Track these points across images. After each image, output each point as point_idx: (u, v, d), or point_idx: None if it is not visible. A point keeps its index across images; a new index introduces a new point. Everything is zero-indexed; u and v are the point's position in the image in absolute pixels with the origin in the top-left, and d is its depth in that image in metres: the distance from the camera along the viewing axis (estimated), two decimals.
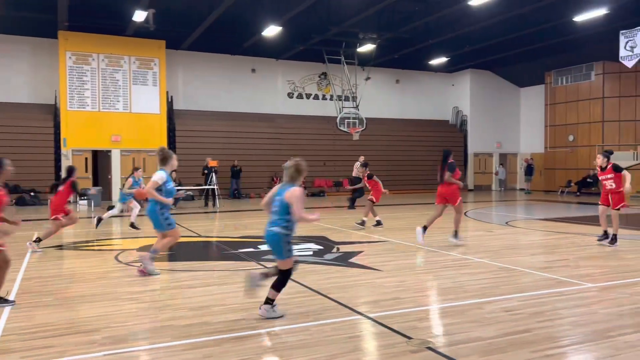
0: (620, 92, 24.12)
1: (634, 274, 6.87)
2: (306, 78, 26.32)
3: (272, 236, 4.95)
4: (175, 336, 4.42)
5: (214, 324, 4.75)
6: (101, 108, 21.11)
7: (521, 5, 17.66)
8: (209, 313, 5.10)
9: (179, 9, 18.79)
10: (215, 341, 4.31)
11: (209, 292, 6.00)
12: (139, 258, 7.13)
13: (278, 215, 4.92)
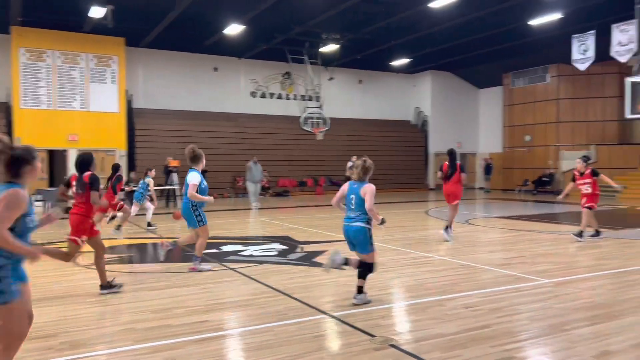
0: (574, 94, 25.01)
1: (586, 269, 7.14)
2: (269, 77, 26.22)
3: (357, 231, 5.31)
4: (136, 340, 4.33)
5: (177, 327, 4.68)
6: (57, 106, 20.44)
7: (480, 8, 18.07)
8: (171, 315, 5.03)
9: (139, 6, 18.39)
10: (178, 344, 4.25)
11: (171, 294, 5.90)
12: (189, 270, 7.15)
13: (359, 211, 5.31)
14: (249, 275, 6.83)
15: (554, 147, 25.11)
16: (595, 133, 24.73)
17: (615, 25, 17.52)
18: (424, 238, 10.83)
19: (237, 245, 9.36)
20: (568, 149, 24.84)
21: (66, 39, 20.43)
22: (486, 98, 30.26)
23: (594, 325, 4.61)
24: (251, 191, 17.97)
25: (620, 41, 17.40)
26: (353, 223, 5.32)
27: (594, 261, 7.79)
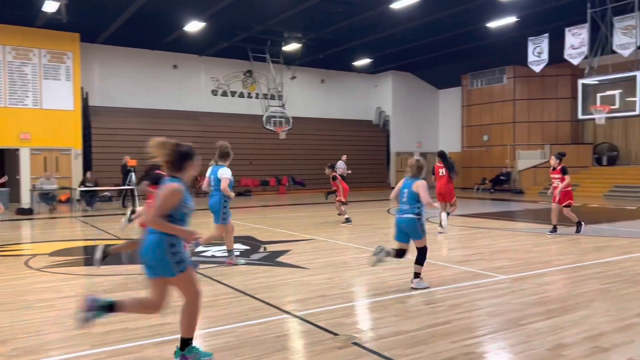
0: (529, 95, 25.78)
1: (541, 265, 7.36)
2: (231, 75, 25.96)
3: (408, 221, 5.98)
4: (92, 344, 4.20)
5: (136, 330, 4.56)
6: (8, 104, 19.63)
7: (439, 10, 18.39)
8: (129, 318, 4.89)
9: (95, 1, 17.88)
10: (136, 347, 4.14)
11: (128, 296, 5.74)
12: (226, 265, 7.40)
13: (409, 204, 5.98)
14: (210, 276, 6.74)
15: (510, 147, 25.83)
16: (549, 133, 25.57)
17: (568, 29, 18.15)
18: (387, 236, 10.92)
19: (199, 246, 9.21)
20: (524, 148, 25.60)
21: (18, 34, 19.65)
22: (445, 98, 30.85)
23: (549, 320, 4.75)
24: None
25: (572, 44, 18.03)
26: (405, 215, 5.99)
27: (549, 257, 8.04)
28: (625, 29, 16.08)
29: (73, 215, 15.35)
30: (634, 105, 15.51)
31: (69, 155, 20.74)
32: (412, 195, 5.94)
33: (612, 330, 4.43)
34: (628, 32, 16.02)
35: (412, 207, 5.94)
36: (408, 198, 5.97)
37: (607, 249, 8.73)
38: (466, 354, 3.92)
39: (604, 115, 16.25)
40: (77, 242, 10.29)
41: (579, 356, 3.85)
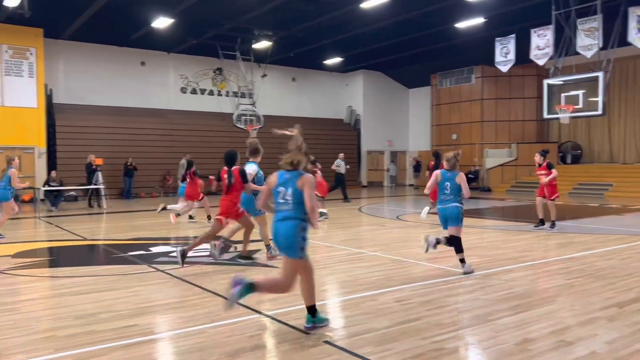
0: (497, 95, 26.28)
1: (508, 261, 7.51)
2: (200, 73, 25.65)
3: (453, 210, 6.68)
4: (57, 348, 4.09)
5: (102, 332, 4.46)
6: None
7: (408, 10, 18.56)
8: (95, 321, 4.78)
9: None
10: (103, 350, 4.05)
11: (95, 298, 5.62)
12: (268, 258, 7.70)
13: (453, 195, 6.73)
14: (179, 276, 6.64)
15: (478, 145, 26.28)
16: (516, 132, 26.13)
17: (533, 30, 18.56)
18: (358, 235, 11.00)
19: (167, 246, 9.09)
20: (492, 147, 26.10)
21: None
22: (415, 98, 31.18)
23: (516, 315, 4.84)
24: None
25: (538, 45, 18.45)
26: (449, 204, 6.74)
27: (517, 253, 8.20)
28: (588, 31, 16.54)
29: (37, 215, 14.94)
30: (597, 105, 15.98)
31: (32, 154, 20.17)
32: (456, 187, 6.73)
33: (576, 324, 4.55)
34: (591, 34, 16.48)
35: (456, 197, 6.73)
36: (451, 190, 6.74)
37: (571, 245, 8.97)
38: (436, 350, 3.96)
39: (568, 115, 16.68)
40: (41, 243, 10.01)
41: (544, 350, 3.94)
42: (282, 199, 4.36)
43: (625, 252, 8.20)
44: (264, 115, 23.49)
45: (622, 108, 23.56)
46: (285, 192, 4.33)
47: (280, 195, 4.37)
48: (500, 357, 3.83)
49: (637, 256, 7.86)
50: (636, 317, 4.72)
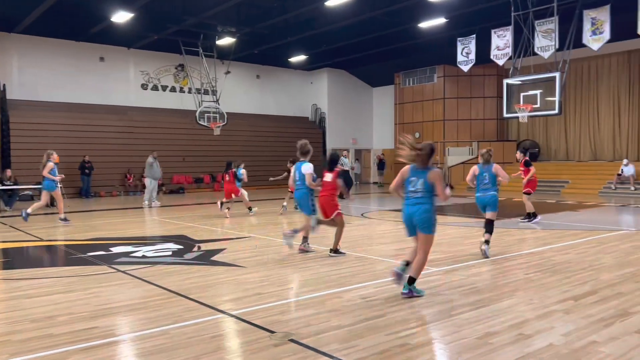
0: (458, 94, 26.78)
1: (470, 257, 7.66)
2: (162, 69, 25.18)
3: (492, 197, 7.85)
4: (12, 353, 3.94)
5: (60, 336, 4.32)
6: None
7: (372, 9, 18.70)
8: (53, 324, 4.63)
9: None
10: (62, 354, 3.92)
11: (53, 301, 5.44)
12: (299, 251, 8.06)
13: (491, 184, 7.82)
14: (141, 277, 6.51)
15: (440, 144, 26.73)
16: (477, 130, 26.70)
17: (494, 31, 18.98)
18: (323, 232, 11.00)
19: (128, 246, 8.88)
20: (453, 145, 26.60)
21: None
22: (379, 96, 31.46)
23: (478, 309, 4.94)
24: (150, 188, 17.11)
25: (498, 45, 18.88)
26: (488, 192, 7.84)
27: (477, 250, 8.36)
28: (546, 32, 17.02)
29: None
30: (554, 105, 16.46)
31: None
32: (493, 177, 7.84)
33: (535, 318, 4.68)
34: (548, 35, 16.97)
35: (494, 186, 7.83)
36: (490, 180, 7.83)
37: (529, 240, 9.23)
38: (401, 346, 4.00)
39: (526, 114, 17.13)
40: None
41: (505, 343, 4.03)
42: (413, 188, 5.48)
43: (581, 247, 8.50)
44: (228, 112, 23.25)
45: (577, 107, 24.39)
46: (416, 182, 5.45)
47: (412, 185, 5.49)
48: (462, 351, 3.90)
49: (591, 250, 8.15)
50: (591, 310, 4.89)
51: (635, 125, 22.64)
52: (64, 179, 18.98)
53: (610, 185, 20.44)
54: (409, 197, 5.49)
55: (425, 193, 5.41)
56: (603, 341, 4.05)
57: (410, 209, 5.45)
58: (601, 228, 10.82)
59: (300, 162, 8.08)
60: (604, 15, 16.49)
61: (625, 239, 9.26)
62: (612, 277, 6.27)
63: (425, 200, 5.41)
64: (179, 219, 13.08)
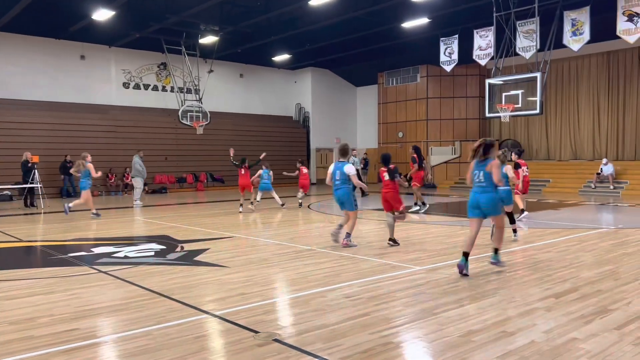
0: (441, 94, 26.96)
1: (452, 256, 7.72)
2: (144, 68, 24.93)
3: (508, 192, 8.67)
4: None
5: (40, 337, 4.26)
6: None
7: (356, 8, 18.74)
8: (33, 326, 4.56)
9: None
10: (42, 356, 3.86)
11: (33, 302, 5.36)
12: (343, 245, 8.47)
13: (505, 179, 8.40)
14: (123, 278, 6.44)
15: (423, 143, 26.89)
16: (459, 130, 26.91)
17: (476, 31, 19.16)
18: (307, 232, 11.01)
19: (110, 247, 8.78)
20: (436, 144, 26.78)
21: None
22: (363, 96, 31.54)
23: (460, 308, 4.99)
24: (140, 188, 17.14)
25: (480, 46, 19.06)
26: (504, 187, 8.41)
27: (460, 248, 8.43)
28: (527, 33, 17.24)
29: None
30: (535, 105, 16.68)
31: None
32: (505, 175, 8.38)
33: (517, 315, 4.73)
34: (529, 36, 17.19)
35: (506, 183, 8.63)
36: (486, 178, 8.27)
37: (511, 239, 9.32)
38: (384, 344, 4.02)
39: (508, 114, 17.32)
40: None
41: (487, 341, 4.07)
42: (477, 179, 6.51)
43: (562, 245, 8.62)
44: (211, 111, 23.12)
45: (557, 107, 24.72)
46: (479, 174, 6.47)
47: (476, 176, 6.51)
48: (445, 349, 3.93)
49: (572, 248, 8.27)
50: (571, 307, 4.96)
51: (614, 125, 23.03)
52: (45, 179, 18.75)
53: (590, 184, 20.77)
54: (476, 185, 6.57)
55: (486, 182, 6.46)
56: (583, 338, 4.12)
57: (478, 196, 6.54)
58: (581, 226, 10.99)
59: (341, 162, 8.55)
60: (583, 16, 16.74)
61: (604, 237, 9.42)
62: (592, 274, 6.38)
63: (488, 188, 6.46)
64: (161, 219, 12.98)
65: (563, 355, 3.76)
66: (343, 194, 8.52)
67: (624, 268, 6.77)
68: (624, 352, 3.83)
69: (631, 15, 15.70)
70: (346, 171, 8.39)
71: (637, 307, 4.94)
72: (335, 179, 8.51)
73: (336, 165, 8.52)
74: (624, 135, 22.68)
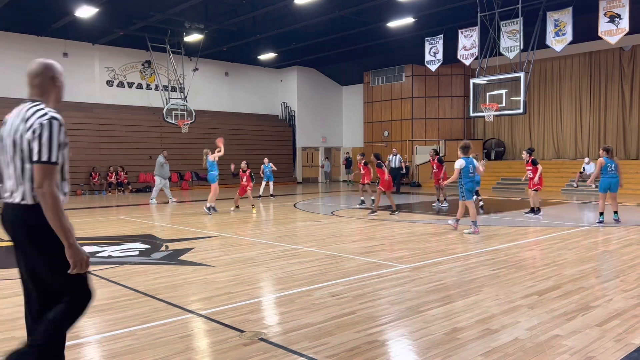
0: (426, 93, 27.12)
1: (437, 254, 7.78)
2: (128, 65, 24.70)
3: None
4: None
5: (22, 339, 4.18)
6: None
7: (341, 7, 18.76)
8: (15, 327, 4.50)
9: None
10: None
11: (15, 303, 5.28)
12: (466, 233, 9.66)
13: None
14: (107, 277, 6.38)
15: (409, 142, 27.03)
16: (444, 129, 27.09)
17: (460, 31, 19.29)
18: (293, 231, 11.00)
19: (94, 246, 8.70)
20: (421, 143, 26.93)
21: None
22: (349, 95, 31.59)
23: (445, 305, 5.02)
24: (159, 186, 17.49)
25: (465, 46, 19.20)
26: None
27: (444, 246, 8.51)
28: (511, 33, 17.41)
29: None
30: (519, 104, 16.85)
31: None
32: None
33: (501, 313, 4.78)
34: (513, 36, 17.36)
35: None
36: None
37: (495, 237, 9.42)
38: (370, 343, 4.04)
39: (492, 113, 17.48)
40: None
41: (472, 338, 4.11)
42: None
43: (545, 243, 8.73)
44: (196, 110, 22.99)
45: (541, 107, 25.01)
46: None
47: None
48: (430, 347, 3.96)
49: (555, 247, 8.38)
50: (554, 305, 5.03)
51: (595, 124, 23.37)
52: None
53: (573, 183, 21.04)
54: None
55: None
56: (566, 334, 4.18)
57: None
58: (564, 225, 11.14)
59: (468, 157, 9.81)
60: (566, 17, 16.96)
61: (586, 235, 9.56)
62: (574, 272, 6.47)
63: None
64: (146, 218, 12.88)
65: (546, 352, 3.81)
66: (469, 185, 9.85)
67: (605, 266, 6.88)
68: (606, 348, 3.89)
69: (612, 17, 15.94)
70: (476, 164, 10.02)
71: (618, 304, 5.03)
72: (469, 172, 9.77)
73: (467, 160, 9.79)
74: (605, 135, 23.03)
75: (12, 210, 2.79)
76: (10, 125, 2.85)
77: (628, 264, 6.96)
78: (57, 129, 2.74)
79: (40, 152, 2.68)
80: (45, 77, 3.06)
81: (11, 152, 2.80)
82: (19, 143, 2.76)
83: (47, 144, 2.69)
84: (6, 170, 2.84)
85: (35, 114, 2.78)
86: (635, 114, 22.13)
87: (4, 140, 2.84)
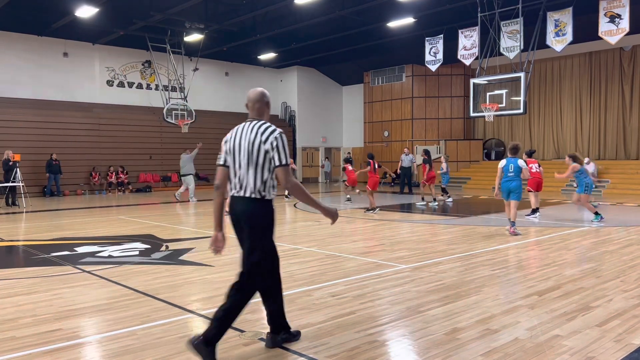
0: (426, 93, 27.11)
1: (437, 254, 7.78)
2: (128, 65, 24.69)
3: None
4: None
5: (22, 338, 4.20)
6: None
7: (342, 7, 18.75)
8: (15, 327, 4.50)
9: None
10: (25, 357, 3.81)
11: (14, 303, 5.29)
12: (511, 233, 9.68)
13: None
14: (107, 277, 6.38)
15: (409, 142, 27.02)
16: (444, 129, 27.09)
17: (461, 31, 19.29)
18: (293, 231, 11.00)
19: (94, 246, 8.70)
20: (421, 143, 26.91)
21: None
22: (349, 95, 31.58)
23: (445, 305, 5.02)
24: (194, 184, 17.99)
25: (465, 46, 19.19)
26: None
27: (444, 246, 8.51)
28: (511, 33, 17.40)
29: None
30: (519, 104, 16.85)
31: None
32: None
33: (501, 313, 4.78)
34: (513, 36, 17.35)
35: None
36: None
37: (495, 237, 9.42)
38: (370, 343, 4.04)
39: (492, 113, 17.48)
40: None
41: (472, 338, 4.11)
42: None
43: (544, 243, 8.73)
44: (196, 109, 22.98)
45: (541, 107, 25.01)
46: None
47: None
48: (430, 347, 3.95)
49: (554, 247, 8.38)
50: (554, 305, 5.03)
51: (595, 124, 23.36)
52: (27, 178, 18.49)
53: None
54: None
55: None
56: (566, 335, 4.17)
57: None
58: (564, 225, 11.14)
59: (513, 158, 9.78)
60: (566, 17, 16.96)
61: (586, 236, 9.56)
62: (574, 272, 6.47)
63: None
64: (145, 218, 12.87)
65: (546, 352, 3.81)
66: (517, 185, 9.70)
67: (605, 266, 6.88)
68: (606, 348, 3.89)
69: (613, 17, 15.94)
70: (520, 165, 9.72)
71: (618, 305, 5.02)
72: (508, 171, 9.71)
73: (509, 160, 9.75)
74: (605, 135, 23.03)
75: (241, 201, 3.85)
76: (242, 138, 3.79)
77: (628, 264, 6.96)
78: (285, 140, 3.70)
79: (280, 158, 3.61)
80: (262, 103, 3.94)
81: (245, 159, 3.69)
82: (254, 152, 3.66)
83: (283, 151, 3.64)
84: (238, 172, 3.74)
85: (266, 130, 3.70)
86: (636, 114, 22.12)
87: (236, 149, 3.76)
